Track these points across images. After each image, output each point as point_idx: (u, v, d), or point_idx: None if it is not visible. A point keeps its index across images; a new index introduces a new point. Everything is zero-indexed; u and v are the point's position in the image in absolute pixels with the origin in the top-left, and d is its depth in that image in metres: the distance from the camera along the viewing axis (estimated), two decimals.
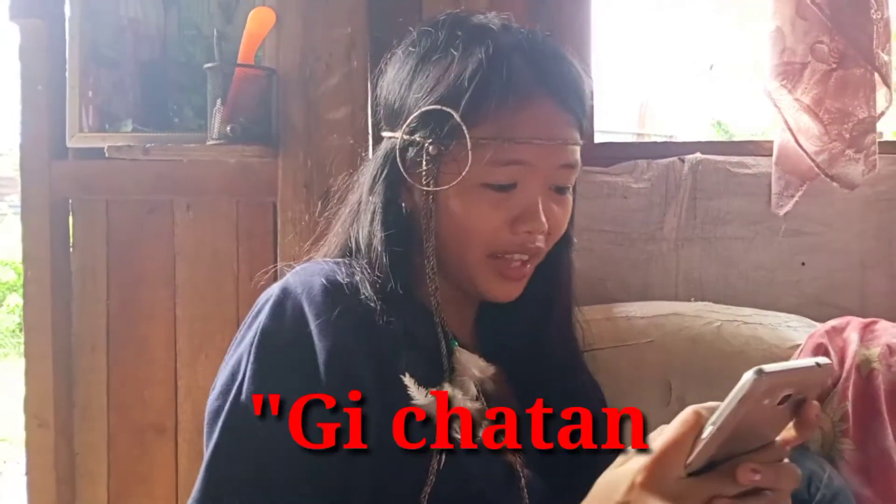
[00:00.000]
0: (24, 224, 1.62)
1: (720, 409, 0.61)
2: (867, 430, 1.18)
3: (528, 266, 0.87)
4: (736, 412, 0.60)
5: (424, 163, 0.83)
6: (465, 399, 0.79)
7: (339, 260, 0.87)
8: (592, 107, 0.90)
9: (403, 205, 0.87)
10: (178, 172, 1.57)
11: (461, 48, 0.83)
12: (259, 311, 0.80)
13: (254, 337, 0.78)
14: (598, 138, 1.63)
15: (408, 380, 0.77)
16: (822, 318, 1.32)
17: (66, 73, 1.59)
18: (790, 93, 1.36)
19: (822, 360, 0.62)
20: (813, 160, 1.36)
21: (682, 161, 1.49)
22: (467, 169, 0.81)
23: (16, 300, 6.24)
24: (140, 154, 1.44)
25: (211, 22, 1.61)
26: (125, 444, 1.62)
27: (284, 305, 0.79)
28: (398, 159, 0.85)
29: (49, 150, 1.60)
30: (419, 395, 0.77)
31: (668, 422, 1.21)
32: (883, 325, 1.26)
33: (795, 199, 1.41)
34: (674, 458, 0.63)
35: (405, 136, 0.85)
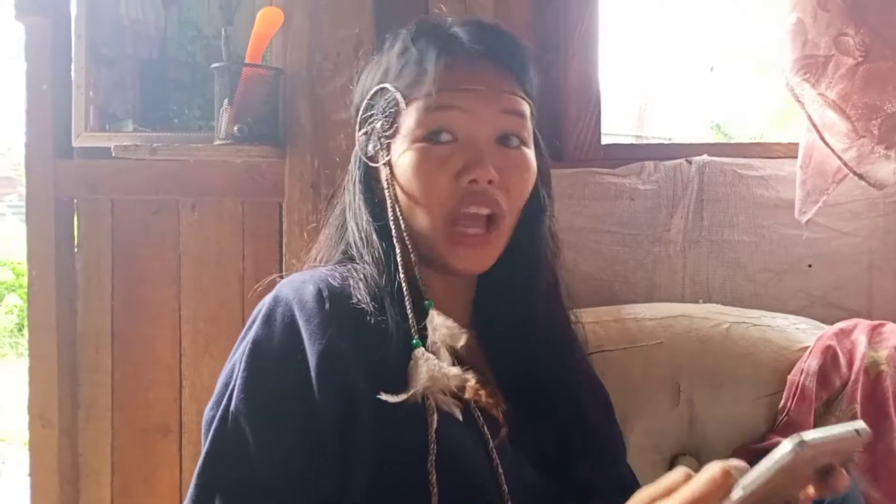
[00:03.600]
0: (28, 223, 1.62)
1: (754, 474, 0.60)
2: (875, 432, 1.18)
3: (492, 233, 0.87)
4: (770, 479, 0.59)
5: (378, 142, 0.89)
6: (442, 367, 0.80)
7: (334, 266, 0.89)
8: (531, 71, 0.94)
9: (377, 195, 0.91)
10: (184, 172, 1.56)
11: (391, 40, 0.93)
12: (253, 322, 0.81)
13: (246, 347, 0.79)
14: (603, 140, 1.63)
15: (385, 395, 0.77)
16: (829, 321, 1.33)
17: (72, 72, 1.58)
18: (813, 87, 1.33)
19: (861, 426, 0.61)
20: (840, 158, 1.32)
21: (690, 163, 1.49)
22: (408, 126, 0.86)
23: (14, 300, 6.23)
24: (147, 154, 1.43)
25: (211, 22, 1.61)
26: (129, 444, 1.61)
27: (275, 313, 0.80)
28: (363, 153, 0.91)
29: (54, 149, 1.60)
30: (396, 398, 0.77)
31: (675, 423, 1.22)
32: (891, 328, 1.26)
33: (819, 204, 1.38)
34: None
35: (361, 131, 0.93)
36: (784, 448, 0.58)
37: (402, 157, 0.87)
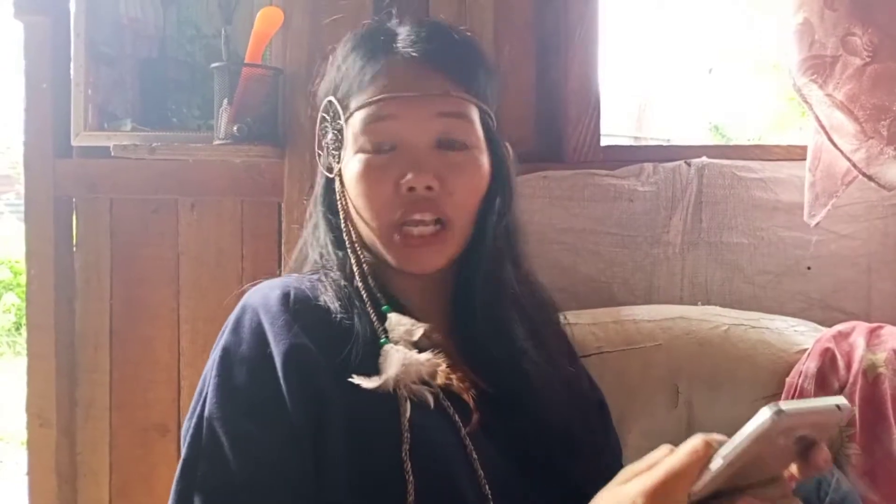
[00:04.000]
0: (27, 222, 1.61)
1: (732, 443, 0.60)
2: (873, 434, 1.18)
3: (440, 234, 0.87)
4: (749, 448, 0.59)
5: (328, 154, 0.91)
6: (413, 354, 0.81)
7: (303, 274, 0.91)
8: (484, 68, 0.93)
9: (336, 207, 0.92)
10: (183, 172, 1.56)
11: (336, 51, 0.94)
12: (223, 332, 0.83)
13: (217, 355, 0.81)
14: (602, 142, 1.63)
15: (358, 378, 0.78)
16: (827, 323, 1.33)
17: (71, 71, 1.58)
18: (821, 88, 1.30)
19: (842, 401, 0.62)
20: (849, 159, 1.30)
21: (689, 165, 1.50)
22: (351, 137, 0.88)
23: (11, 299, 6.23)
24: (146, 153, 1.43)
25: (210, 21, 1.61)
26: (127, 443, 1.61)
27: (243, 321, 0.82)
28: (322, 166, 0.94)
29: (53, 148, 1.60)
30: (368, 382, 0.78)
31: (673, 425, 1.22)
32: (889, 330, 1.26)
33: (828, 207, 1.37)
34: (678, 485, 0.62)
35: (319, 142, 0.94)
36: (762, 416, 0.58)
37: (348, 168, 0.89)
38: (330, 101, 0.91)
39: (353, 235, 0.89)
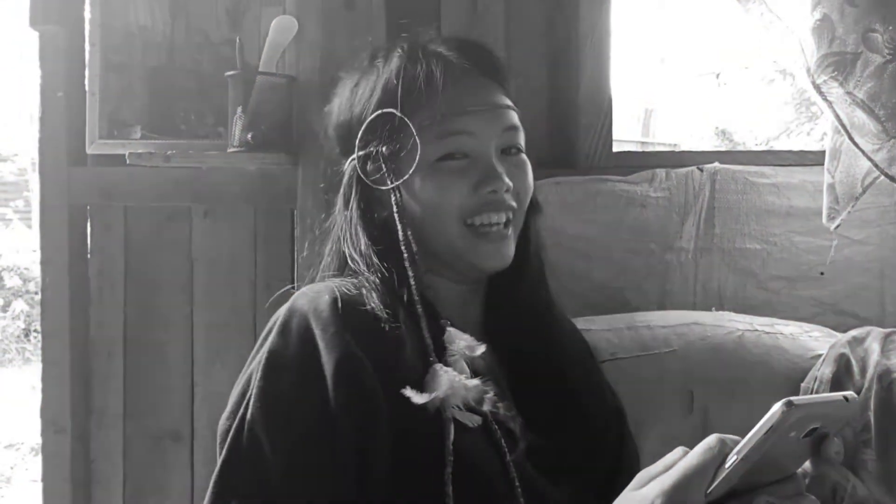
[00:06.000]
0: (42, 230, 1.62)
1: (746, 439, 0.61)
2: (889, 439, 1.18)
3: (509, 228, 0.90)
4: (762, 443, 0.60)
5: (383, 165, 0.89)
6: (461, 378, 0.81)
7: (347, 277, 0.90)
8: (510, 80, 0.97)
9: (378, 216, 0.91)
10: (197, 179, 1.57)
11: (384, 59, 0.93)
12: (269, 333, 0.83)
13: (262, 357, 0.80)
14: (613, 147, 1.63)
15: (409, 391, 0.78)
16: (841, 328, 1.33)
17: (86, 80, 1.59)
18: (841, 85, 1.28)
19: (850, 394, 0.63)
20: (871, 159, 1.28)
21: (701, 170, 1.50)
22: (419, 152, 0.87)
23: (21, 306, 6.24)
24: (161, 161, 1.44)
25: (218, 29, 1.61)
26: (141, 450, 1.62)
27: (291, 324, 0.81)
28: (363, 177, 0.91)
29: (67, 156, 1.61)
30: (418, 397, 0.78)
31: (689, 431, 1.22)
32: None
33: (848, 210, 1.35)
34: (695, 484, 0.63)
35: (360, 153, 0.91)
36: (773, 409, 0.60)
37: (415, 180, 0.89)
38: (391, 113, 0.89)
39: (414, 247, 0.88)
